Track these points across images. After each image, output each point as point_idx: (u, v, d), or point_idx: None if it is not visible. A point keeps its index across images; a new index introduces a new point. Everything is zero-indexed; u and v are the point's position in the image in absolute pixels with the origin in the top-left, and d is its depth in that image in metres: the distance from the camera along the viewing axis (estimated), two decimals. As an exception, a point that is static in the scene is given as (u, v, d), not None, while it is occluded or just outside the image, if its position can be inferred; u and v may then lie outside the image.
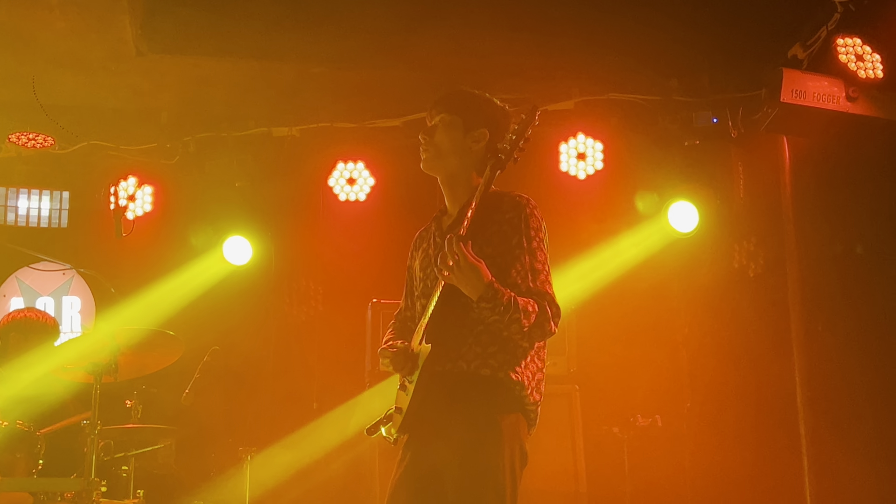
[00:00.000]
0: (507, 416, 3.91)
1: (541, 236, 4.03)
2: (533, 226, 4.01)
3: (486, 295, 3.80)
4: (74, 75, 7.37)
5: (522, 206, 4.04)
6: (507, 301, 3.80)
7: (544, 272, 3.97)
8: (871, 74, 6.33)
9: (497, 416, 3.89)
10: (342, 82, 7.69)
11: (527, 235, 3.99)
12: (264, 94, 7.88)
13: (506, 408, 3.92)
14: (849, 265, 7.15)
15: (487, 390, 3.91)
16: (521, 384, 3.93)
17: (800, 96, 6.45)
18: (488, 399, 3.90)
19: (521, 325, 3.83)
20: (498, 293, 3.80)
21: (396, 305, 7.33)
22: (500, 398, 3.92)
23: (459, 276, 3.82)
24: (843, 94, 6.45)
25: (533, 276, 3.94)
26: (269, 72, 7.48)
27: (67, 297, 8.78)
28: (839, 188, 7.14)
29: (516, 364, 3.94)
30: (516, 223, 4.00)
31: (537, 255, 3.98)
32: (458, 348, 3.96)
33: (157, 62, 7.14)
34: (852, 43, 6.31)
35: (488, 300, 3.80)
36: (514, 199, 4.06)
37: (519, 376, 3.93)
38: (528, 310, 3.84)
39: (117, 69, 7.21)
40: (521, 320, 3.82)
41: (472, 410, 3.89)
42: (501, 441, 3.86)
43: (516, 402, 3.95)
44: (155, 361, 6.49)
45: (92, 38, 6.73)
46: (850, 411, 6.97)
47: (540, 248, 4.00)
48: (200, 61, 7.24)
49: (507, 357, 3.93)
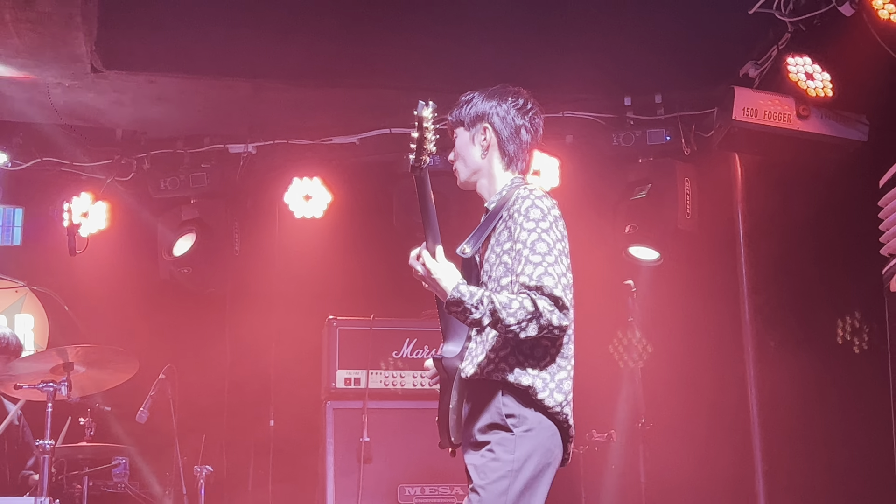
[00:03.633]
0: (523, 422, 3.79)
1: (544, 226, 3.84)
2: (533, 217, 3.85)
3: (451, 302, 3.71)
4: (28, 92, 7.31)
5: (523, 197, 3.91)
6: (479, 303, 3.68)
7: (543, 264, 3.75)
8: (822, 93, 6.41)
9: (510, 422, 3.79)
10: (298, 99, 7.69)
11: (526, 228, 3.84)
12: (220, 111, 7.87)
13: (521, 413, 3.80)
14: (798, 281, 7.24)
15: (499, 397, 3.82)
16: (534, 387, 3.80)
17: (751, 114, 6.52)
18: (500, 406, 3.81)
19: (507, 325, 3.67)
20: (464, 298, 3.68)
21: (354, 322, 7.43)
22: (513, 404, 3.81)
23: (430, 287, 3.80)
24: (794, 112, 6.52)
25: (529, 269, 3.75)
26: (225, 88, 7.47)
27: (20, 315, 8.70)
28: (791, 204, 7.23)
29: (529, 366, 3.82)
30: (517, 217, 3.87)
31: (536, 246, 3.79)
32: (477, 355, 3.90)
33: (111, 79, 7.10)
34: (802, 62, 6.38)
35: (454, 306, 3.71)
36: (519, 192, 3.95)
37: (531, 379, 3.81)
38: (513, 307, 3.67)
39: (72, 86, 7.16)
40: (503, 320, 3.66)
41: (486, 419, 3.83)
42: (513, 447, 3.76)
43: (534, 407, 3.81)
44: (109, 378, 6.47)
45: (46, 54, 6.69)
46: (803, 422, 7.05)
47: (541, 238, 3.81)
48: (155, 78, 7.21)
49: (519, 359, 3.82)
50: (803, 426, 7.03)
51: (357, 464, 7.06)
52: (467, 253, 3.92)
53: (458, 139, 4.22)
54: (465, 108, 4.21)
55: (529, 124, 4.20)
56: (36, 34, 6.46)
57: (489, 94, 4.21)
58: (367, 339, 7.33)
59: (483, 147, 4.14)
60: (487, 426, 3.84)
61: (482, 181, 4.18)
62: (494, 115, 4.15)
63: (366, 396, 7.20)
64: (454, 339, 4.03)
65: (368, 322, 7.33)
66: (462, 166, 4.21)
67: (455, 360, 3.98)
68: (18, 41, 6.53)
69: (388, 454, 7.16)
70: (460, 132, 4.21)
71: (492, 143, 4.14)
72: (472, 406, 3.93)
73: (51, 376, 6.04)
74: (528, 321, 3.69)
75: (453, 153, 4.24)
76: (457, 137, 4.22)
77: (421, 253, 3.80)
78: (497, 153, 4.14)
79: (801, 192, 7.05)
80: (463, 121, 4.20)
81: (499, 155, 4.15)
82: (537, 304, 3.70)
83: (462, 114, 4.21)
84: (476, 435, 3.88)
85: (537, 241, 3.81)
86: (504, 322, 3.68)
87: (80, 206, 8.22)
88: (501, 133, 4.14)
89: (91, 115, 7.85)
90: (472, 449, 3.89)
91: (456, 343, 4.02)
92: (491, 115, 4.15)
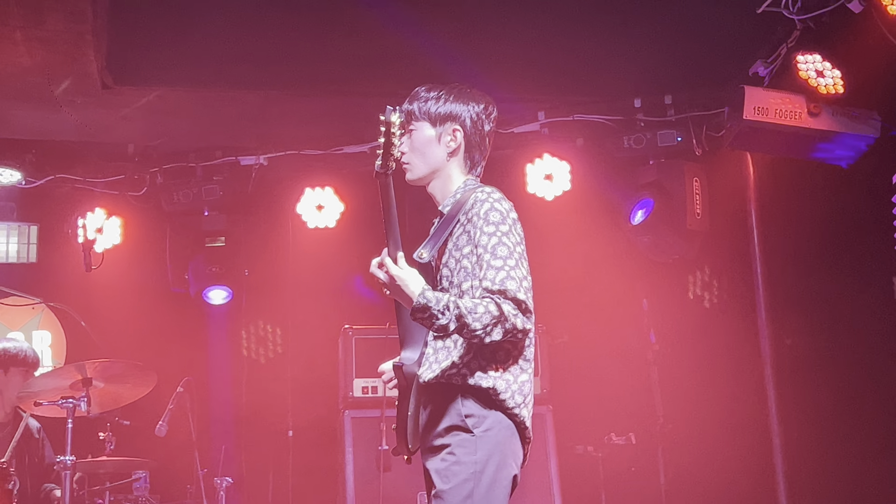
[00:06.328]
0: (483, 423, 3.76)
1: (504, 229, 3.79)
2: (493, 220, 3.80)
3: (417, 308, 3.65)
4: (39, 110, 7.35)
5: (482, 200, 3.85)
6: (445, 308, 3.63)
7: (505, 268, 3.71)
8: (832, 90, 6.39)
9: (470, 423, 3.75)
10: (307, 109, 7.71)
11: (486, 231, 3.79)
12: (230, 123, 7.88)
13: (481, 415, 3.77)
14: (813, 278, 7.22)
15: (459, 399, 3.78)
16: (495, 388, 3.76)
17: (762, 113, 6.50)
18: (460, 408, 3.77)
19: (472, 330, 3.63)
20: (430, 304, 3.63)
21: (370, 330, 7.43)
22: (473, 406, 3.77)
23: (392, 294, 3.74)
24: (805, 109, 6.50)
25: (492, 273, 3.71)
26: (235, 101, 7.49)
27: (38, 332, 8.74)
28: (804, 202, 7.22)
29: (491, 369, 3.78)
30: (476, 221, 3.82)
31: (497, 250, 3.74)
32: (438, 361, 3.86)
33: (122, 95, 7.13)
34: (812, 59, 6.37)
35: (420, 312, 3.65)
36: (475, 196, 3.88)
37: (492, 381, 3.77)
38: (478, 312, 3.63)
39: (84, 102, 7.19)
40: (469, 325, 3.62)
41: (446, 422, 3.79)
42: (475, 448, 3.73)
43: (495, 408, 3.78)
44: (128, 393, 6.49)
45: (57, 73, 6.72)
46: (823, 420, 7.03)
47: (501, 242, 3.76)
48: (166, 92, 7.23)
49: (481, 363, 3.78)
50: (823, 424, 7.01)
51: (376, 472, 7.06)
52: (424, 258, 3.87)
53: (417, 133, 4.08)
54: (432, 103, 4.07)
55: (492, 133, 4.15)
56: (47, 52, 6.50)
57: (460, 93, 4.10)
58: (384, 347, 7.33)
59: (449, 149, 4.04)
60: (446, 429, 3.79)
61: (437, 182, 4.10)
62: (467, 119, 4.05)
63: (383, 405, 7.19)
64: (412, 346, 3.95)
65: (384, 330, 7.32)
66: (419, 162, 4.09)
67: (413, 367, 3.91)
68: (30, 59, 6.57)
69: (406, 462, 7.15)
70: (422, 126, 4.07)
71: (460, 146, 4.06)
72: (432, 411, 3.87)
73: (70, 392, 6.07)
74: (492, 325, 3.66)
75: (406, 145, 4.09)
76: (415, 131, 4.08)
77: (383, 260, 3.74)
78: (461, 157, 4.06)
79: (814, 189, 7.04)
80: (430, 116, 4.07)
81: (462, 159, 4.07)
82: (502, 308, 3.67)
83: (429, 108, 4.07)
84: (435, 439, 3.83)
85: (498, 244, 3.77)
86: (470, 327, 3.64)
87: (94, 221, 8.24)
88: (472, 138, 4.06)
89: (103, 131, 7.87)
90: (432, 454, 3.85)
91: (414, 350, 3.94)
92: (464, 117, 4.03)
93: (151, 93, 7.20)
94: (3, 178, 8.09)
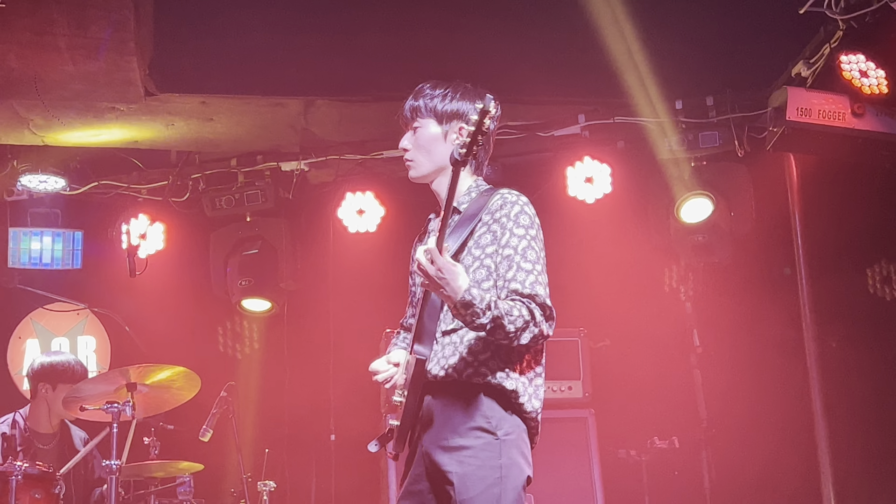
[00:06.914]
0: (504, 425, 3.75)
1: (532, 234, 3.82)
2: (523, 223, 3.81)
3: (461, 304, 3.60)
4: (83, 117, 7.41)
5: (511, 202, 3.86)
6: (487, 308, 3.60)
7: (534, 272, 3.74)
8: (876, 90, 6.33)
9: (493, 425, 3.74)
10: (347, 114, 7.72)
11: (516, 234, 3.79)
12: (271, 129, 7.91)
13: (501, 417, 3.76)
14: (858, 280, 7.16)
15: (481, 399, 3.76)
16: (517, 391, 3.77)
17: (805, 114, 6.45)
18: (483, 409, 3.75)
19: (507, 332, 3.64)
20: (474, 301, 3.60)
21: (410, 334, 7.42)
22: (495, 407, 3.76)
23: (433, 287, 3.66)
24: (849, 110, 6.43)
25: (522, 276, 3.73)
26: (276, 106, 7.51)
27: (82, 338, 8.83)
28: (847, 204, 7.16)
29: (511, 370, 3.78)
30: (504, 222, 3.81)
31: (527, 254, 3.76)
32: (447, 357, 3.82)
33: (165, 101, 7.18)
34: (856, 59, 6.31)
35: (463, 308, 3.61)
36: (504, 197, 3.89)
37: (514, 383, 3.77)
38: (514, 315, 3.64)
39: (126, 109, 7.25)
40: (505, 326, 3.62)
41: (467, 421, 3.75)
42: (499, 452, 3.72)
43: (513, 411, 3.78)
44: (172, 398, 6.53)
45: (100, 80, 6.78)
46: (868, 422, 6.96)
47: (531, 246, 3.79)
48: (208, 98, 7.27)
49: (500, 364, 3.77)
50: (870, 428, 6.95)
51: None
52: (450, 251, 3.77)
53: (422, 129, 4.07)
54: (438, 100, 4.06)
55: (495, 133, 4.13)
56: (90, 60, 6.56)
57: (465, 92, 4.08)
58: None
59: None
60: (468, 429, 3.75)
61: (443, 179, 4.04)
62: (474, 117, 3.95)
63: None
64: (425, 342, 3.88)
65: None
66: (424, 160, 4.09)
67: (425, 362, 3.86)
68: (73, 68, 6.63)
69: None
70: (428, 123, 4.06)
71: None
72: (445, 408, 3.82)
73: (115, 397, 6.11)
74: (523, 329, 3.68)
75: (410, 142, 4.10)
76: (420, 128, 4.07)
77: (432, 250, 3.63)
78: None
79: (858, 190, 6.98)
80: (436, 113, 4.05)
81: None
82: (534, 313, 3.70)
83: (436, 105, 4.05)
84: (451, 438, 3.78)
85: (528, 248, 3.79)
86: (505, 329, 3.64)
87: (137, 227, 8.33)
88: None
89: (145, 137, 7.92)
90: (446, 452, 3.79)
91: (426, 346, 3.88)
92: (470, 115, 3.90)
93: (194, 99, 7.24)
94: (48, 185, 8.19)
